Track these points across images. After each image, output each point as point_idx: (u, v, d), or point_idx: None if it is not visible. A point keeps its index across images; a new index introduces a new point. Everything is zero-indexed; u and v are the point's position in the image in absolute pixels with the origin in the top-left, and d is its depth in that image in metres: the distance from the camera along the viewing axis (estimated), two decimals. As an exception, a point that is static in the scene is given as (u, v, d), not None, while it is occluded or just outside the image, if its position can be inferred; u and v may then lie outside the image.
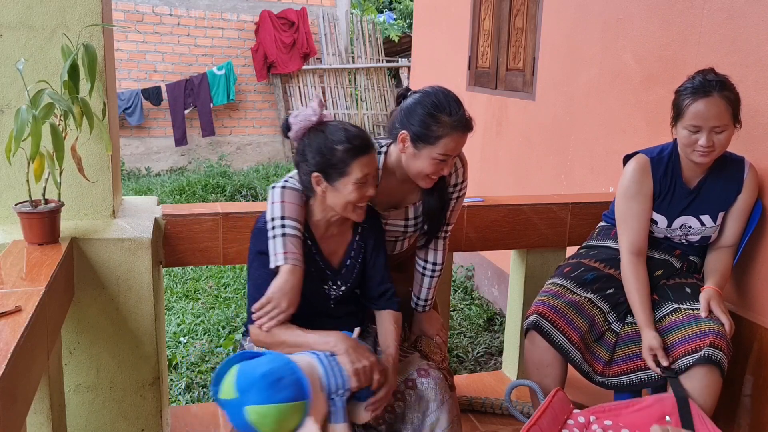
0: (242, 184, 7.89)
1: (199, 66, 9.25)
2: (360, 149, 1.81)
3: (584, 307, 2.25)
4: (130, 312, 2.15)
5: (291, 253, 1.81)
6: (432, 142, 1.90)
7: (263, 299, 1.81)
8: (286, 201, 1.87)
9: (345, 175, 1.81)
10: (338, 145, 1.80)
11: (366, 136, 1.86)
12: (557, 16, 3.74)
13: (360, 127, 1.90)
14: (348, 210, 1.86)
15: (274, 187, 1.92)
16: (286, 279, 1.80)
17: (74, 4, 2.06)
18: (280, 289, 1.80)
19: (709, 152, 2.11)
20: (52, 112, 1.85)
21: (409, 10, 11.61)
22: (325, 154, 1.81)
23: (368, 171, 1.83)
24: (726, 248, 2.30)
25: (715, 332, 2.07)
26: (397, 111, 2.00)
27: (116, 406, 2.20)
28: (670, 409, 1.94)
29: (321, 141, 1.82)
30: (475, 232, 2.70)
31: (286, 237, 1.83)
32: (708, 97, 2.06)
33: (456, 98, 1.95)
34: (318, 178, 1.83)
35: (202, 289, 4.78)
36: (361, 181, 1.82)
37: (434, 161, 1.92)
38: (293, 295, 1.81)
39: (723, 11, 2.52)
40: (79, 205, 2.18)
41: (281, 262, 1.80)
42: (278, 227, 1.84)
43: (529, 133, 4.07)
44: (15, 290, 1.61)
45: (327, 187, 1.84)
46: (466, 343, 3.97)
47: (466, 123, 1.93)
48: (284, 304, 1.80)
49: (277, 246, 1.82)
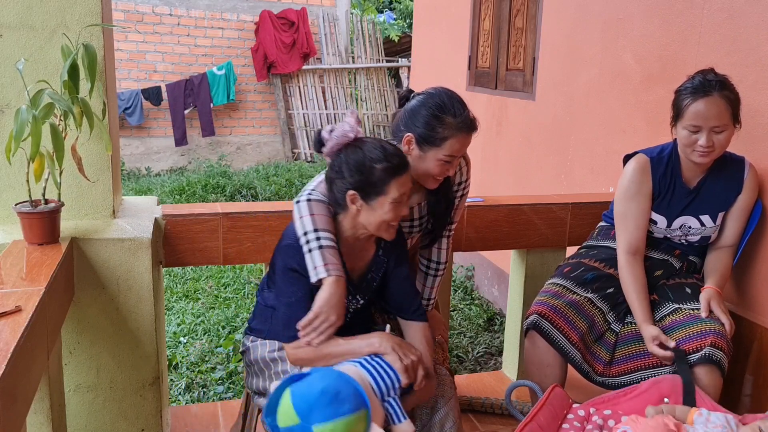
0: (242, 184, 7.90)
1: (199, 66, 9.25)
2: (398, 168, 1.78)
3: (584, 307, 2.25)
4: (130, 312, 2.15)
5: (332, 264, 1.77)
6: (437, 144, 1.91)
7: (310, 315, 1.77)
8: (315, 214, 1.83)
9: (382, 194, 1.77)
10: (377, 163, 1.76)
11: (403, 155, 1.83)
12: (557, 16, 3.74)
13: (395, 144, 1.86)
14: (381, 229, 1.82)
15: (299, 201, 1.86)
16: (333, 291, 1.76)
17: (74, 4, 2.06)
18: (327, 303, 1.76)
19: (709, 152, 2.10)
20: (52, 112, 1.85)
21: (409, 10, 11.61)
22: (363, 172, 1.77)
23: (405, 190, 1.80)
24: (726, 248, 2.30)
25: (716, 332, 2.07)
26: (400, 113, 2.00)
27: (116, 406, 2.20)
28: (667, 391, 1.94)
29: (359, 159, 1.78)
30: (475, 232, 2.70)
31: (324, 249, 1.78)
32: (708, 97, 2.06)
33: (460, 99, 1.96)
34: (354, 196, 1.79)
35: (202, 289, 4.78)
36: (398, 200, 1.78)
37: (440, 162, 1.93)
38: (340, 307, 1.78)
39: (723, 11, 2.52)
40: (79, 205, 2.18)
41: (324, 274, 1.75)
42: (313, 240, 1.78)
43: (529, 133, 4.07)
44: (15, 290, 1.61)
45: (362, 206, 1.80)
46: (466, 343, 3.97)
47: (470, 124, 1.94)
48: (333, 317, 1.76)
49: (316, 259, 1.77)
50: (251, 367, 1.98)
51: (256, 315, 2.02)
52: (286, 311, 1.83)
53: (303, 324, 1.77)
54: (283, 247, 1.86)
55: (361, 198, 1.79)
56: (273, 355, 1.92)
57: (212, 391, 3.37)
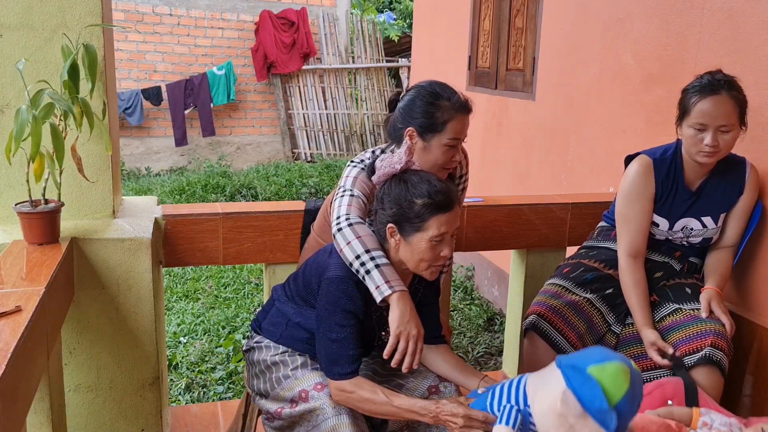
0: (242, 184, 7.89)
1: (199, 66, 9.25)
2: (440, 206, 1.73)
3: (583, 307, 2.25)
4: (130, 312, 2.15)
5: (394, 280, 1.73)
6: (439, 129, 1.93)
7: (392, 340, 1.72)
8: (362, 236, 1.79)
9: (420, 230, 1.73)
10: (418, 198, 1.72)
11: (450, 193, 1.77)
12: (557, 16, 3.74)
13: (447, 182, 1.82)
14: (420, 268, 1.78)
15: (341, 228, 1.81)
16: (403, 307, 1.72)
17: (74, 4, 2.06)
18: (401, 321, 1.72)
19: (714, 152, 2.09)
20: (52, 112, 1.84)
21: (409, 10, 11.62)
22: (402, 205, 1.74)
23: (447, 230, 1.74)
24: (726, 248, 2.29)
25: (716, 332, 2.07)
26: (394, 114, 2.02)
27: (116, 406, 2.20)
28: (671, 394, 1.93)
29: (401, 192, 1.75)
30: (475, 232, 2.70)
31: (381, 267, 1.74)
32: (716, 96, 2.04)
33: (449, 86, 1.99)
34: (392, 230, 1.76)
35: (202, 289, 4.78)
36: (437, 239, 1.73)
37: (445, 148, 1.95)
38: (415, 318, 1.74)
39: (723, 11, 2.52)
40: (79, 205, 2.18)
41: (388, 291, 1.71)
42: (368, 261, 1.74)
43: (529, 133, 4.07)
44: (15, 290, 1.61)
45: (401, 240, 1.76)
46: (466, 343, 3.96)
47: (466, 104, 1.98)
48: (414, 331, 1.73)
49: (377, 279, 1.72)
50: (253, 366, 1.98)
51: (268, 317, 2.00)
52: (333, 348, 1.75)
53: (388, 352, 1.73)
54: (333, 280, 1.78)
55: (399, 232, 1.76)
56: (275, 359, 1.92)
57: (212, 391, 3.37)
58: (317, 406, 1.78)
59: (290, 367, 1.89)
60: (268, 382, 1.91)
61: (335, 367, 1.75)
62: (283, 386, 1.86)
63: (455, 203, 1.77)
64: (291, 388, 1.85)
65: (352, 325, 1.75)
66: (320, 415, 1.77)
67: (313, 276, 1.87)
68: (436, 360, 1.94)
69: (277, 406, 1.87)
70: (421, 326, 1.76)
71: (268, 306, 2.03)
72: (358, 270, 1.75)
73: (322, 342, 1.78)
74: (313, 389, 1.81)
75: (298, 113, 9.89)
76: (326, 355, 1.77)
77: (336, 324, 1.75)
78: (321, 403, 1.78)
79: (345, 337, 1.74)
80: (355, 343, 1.75)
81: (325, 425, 1.75)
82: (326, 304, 1.78)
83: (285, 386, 1.86)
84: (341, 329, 1.75)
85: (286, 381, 1.87)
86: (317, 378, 1.84)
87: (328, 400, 1.78)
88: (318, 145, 9.99)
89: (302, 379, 1.85)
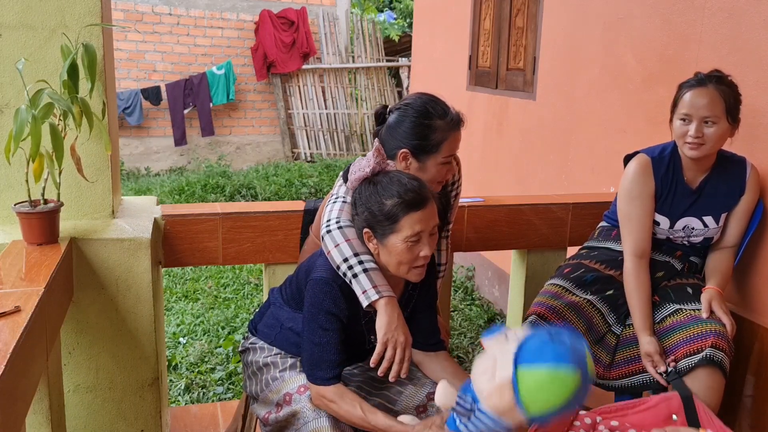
0: (242, 184, 7.89)
1: (198, 66, 9.25)
2: (411, 204, 1.66)
3: (583, 308, 2.25)
4: (130, 312, 2.14)
5: (381, 285, 1.69)
6: (434, 150, 1.90)
7: (379, 348, 1.68)
8: (351, 239, 1.74)
9: (394, 232, 1.66)
10: (387, 199, 1.67)
11: (422, 190, 1.70)
12: (558, 15, 3.73)
13: (419, 179, 1.75)
14: (402, 271, 1.71)
15: (330, 230, 1.77)
16: (389, 314, 1.68)
17: (74, 4, 2.05)
18: (388, 327, 1.67)
19: (699, 145, 2.09)
20: (51, 112, 1.84)
21: (409, 9, 11.61)
22: (372, 208, 1.68)
23: (422, 228, 1.67)
24: (727, 249, 2.29)
25: (717, 333, 2.07)
26: (385, 132, 1.94)
27: (115, 407, 2.20)
28: (676, 408, 1.93)
29: (370, 194, 1.70)
30: (475, 232, 2.70)
31: (369, 272, 1.69)
32: (702, 88, 2.09)
33: (439, 99, 1.94)
34: (368, 234, 1.71)
35: (201, 290, 4.77)
36: (413, 239, 1.66)
37: (441, 166, 1.93)
38: (403, 325, 1.70)
39: (723, 11, 2.51)
40: (79, 205, 2.17)
41: (375, 296, 1.67)
42: (356, 265, 1.69)
43: (529, 133, 4.07)
44: (14, 290, 1.60)
45: (378, 245, 1.71)
46: (467, 344, 3.96)
47: (458, 120, 1.93)
48: (401, 338, 1.68)
49: (364, 283, 1.68)
50: (248, 367, 1.98)
51: (264, 319, 1.99)
52: (315, 351, 1.73)
53: (375, 360, 1.69)
54: (318, 281, 1.74)
55: (374, 236, 1.71)
56: (267, 360, 1.91)
57: (212, 392, 3.36)
58: (298, 409, 1.77)
59: (279, 368, 1.88)
60: (259, 383, 1.91)
61: (317, 371, 1.73)
62: (272, 388, 1.86)
63: (428, 200, 1.70)
64: (278, 390, 1.84)
65: (336, 329, 1.72)
66: (301, 419, 1.75)
67: (302, 278, 1.86)
68: (434, 368, 1.90)
69: (265, 410, 1.87)
70: (409, 333, 1.72)
71: (264, 308, 2.03)
72: (345, 273, 1.71)
73: (306, 345, 1.76)
74: (296, 392, 1.80)
75: (298, 113, 9.89)
76: (308, 358, 1.75)
77: (319, 327, 1.73)
78: (301, 406, 1.77)
79: (327, 342, 1.71)
80: (338, 348, 1.72)
81: (306, 429, 1.73)
82: (310, 306, 1.75)
83: (273, 388, 1.86)
84: (324, 333, 1.72)
85: (274, 383, 1.86)
86: (302, 380, 1.82)
87: (308, 403, 1.76)
88: (318, 145, 9.99)
89: (288, 381, 1.84)
